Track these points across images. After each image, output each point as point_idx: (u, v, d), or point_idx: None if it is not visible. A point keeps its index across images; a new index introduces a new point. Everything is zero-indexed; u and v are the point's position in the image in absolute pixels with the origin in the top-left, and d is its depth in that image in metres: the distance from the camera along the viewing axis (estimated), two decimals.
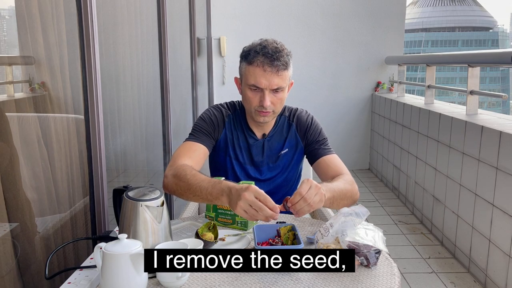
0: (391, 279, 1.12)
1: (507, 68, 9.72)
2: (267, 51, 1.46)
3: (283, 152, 1.66)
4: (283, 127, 1.67)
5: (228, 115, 1.66)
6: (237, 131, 1.65)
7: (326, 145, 1.66)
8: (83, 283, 1.10)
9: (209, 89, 4.87)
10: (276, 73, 1.47)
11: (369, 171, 5.31)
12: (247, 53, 1.51)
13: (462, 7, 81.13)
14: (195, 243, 1.19)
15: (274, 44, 1.49)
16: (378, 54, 5.20)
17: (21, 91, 1.58)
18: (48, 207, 1.51)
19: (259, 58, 1.47)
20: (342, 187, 1.42)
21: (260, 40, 1.52)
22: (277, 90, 1.50)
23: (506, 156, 2.38)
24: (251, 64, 1.49)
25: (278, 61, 1.46)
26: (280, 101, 1.53)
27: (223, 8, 4.98)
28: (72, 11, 1.44)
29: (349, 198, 1.44)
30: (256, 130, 1.65)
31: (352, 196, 1.47)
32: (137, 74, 2.87)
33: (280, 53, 1.47)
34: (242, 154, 1.65)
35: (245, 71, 1.53)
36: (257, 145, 1.65)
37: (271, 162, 1.66)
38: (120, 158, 2.47)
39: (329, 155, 1.62)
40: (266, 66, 1.46)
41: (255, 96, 1.51)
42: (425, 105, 3.77)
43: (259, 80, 1.48)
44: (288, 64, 1.50)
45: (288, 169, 1.68)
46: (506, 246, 2.36)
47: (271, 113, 1.55)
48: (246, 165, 1.66)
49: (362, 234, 1.16)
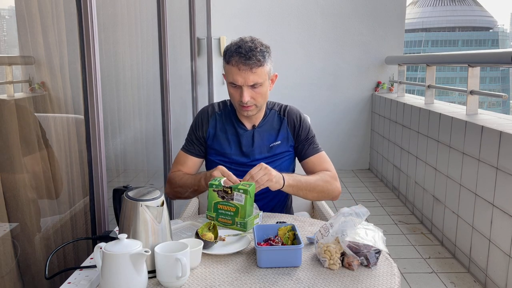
0: (391, 279, 1.12)
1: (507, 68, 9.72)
2: (241, 50, 1.55)
3: (276, 144, 1.71)
4: (273, 119, 1.74)
5: (214, 113, 1.75)
6: (226, 125, 1.73)
7: (314, 143, 1.74)
8: (83, 283, 1.10)
9: (209, 89, 4.86)
10: (250, 70, 1.55)
11: (369, 171, 5.30)
12: (225, 53, 1.60)
13: (462, 7, 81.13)
14: (195, 243, 1.19)
15: (249, 43, 1.57)
16: (378, 54, 5.20)
17: (21, 91, 1.58)
18: (48, 207, 1.51)
19: (234, 57, 1.56)
20: (312, 180, 1.60)
21: (237, 39, 1.61)
22: (255, 85, 1.58)
23: (506, 156, 2.38)
24: (228, 63, 1.58)
25: (250, 60, 1.54)
26: (260, 95, 1.61)
27: (223, 8, 4.98)
28: (72, 11, 1.43)
29: (320, 192, 1.62)
30: (245, 122, 1.73)
31: (326, 191, 1.63)
32: (137, 74, 2.87)
33: (253, 52, 1.54)
34: (231, 146, 1.71)
35: (225, 69, 1.62)
36: (247, 135, 1.71)
37: (263, 152, 1.71)
38: (120, 158, 2.46)
39: (316, 155, 1.71)
40: (240, 65, 1.55)
41: (236, 92, 1.61)
42: (425, 105, 3.77)
43: (236, 78, 1.57)
44: (262, 61, 1.56)
45: (280, 158, 1.72)
46: (506, 246, 2.36)
47: (254, 107, 1.63)
48: (235, 156, 1.70)
49: (362, 234, 1.16)
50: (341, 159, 5.22)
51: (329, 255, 1.16)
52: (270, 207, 1.72)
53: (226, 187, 1.40)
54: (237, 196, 1.38)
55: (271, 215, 1.58)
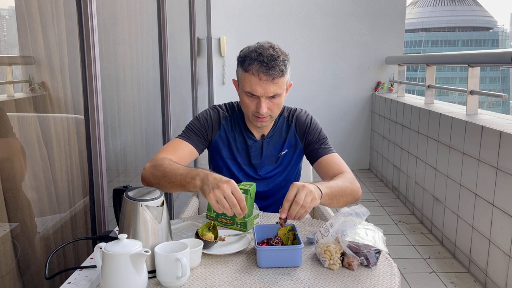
0: (391, 279, 1.12)
1: (507, 68, 9.72)
2: (263, 59, 1.43)
3: (283, 153, 1.65)
4: (282, 128, 1.67)
5: (226, 117, 1.65)
6: (234, 132, 1.64)
7: (326, 144, 1.65)
8: (83, 283, 1.10)
9: (209, 89, 4.87)
10: (272, 81, 1.45)
11: (369, 171, 5.31)
12: (243, 59, 1.48)
13: (462, 7, 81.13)
14: (195, 243, 1.19)
15: (270, 50, 1.46)
16: (378, 54, 5.19)
17: (21, 91, 1.58)
18: (48, 207, 1.51)
19: (254, 66, 1.44)
20: (341, 185, 1.41)
21: (256, 45, 1.49)
22: (274, 96, 1.49)
23: (506, 156, 2.38)
24: (246, 71, 1.46)
25: (273, 69, 1.43)
26: (277, 106, 1.52)
27: (223, 8, 4.98)
28: (72, 11, 1.43)
29: (349, 195, 1.44)
30: (254, 131, 1.65)
31: (353, 193, 1.46)
32: (137, 74, 2.87)
33: (276, 61, 1.44)
34: (240, 155, 1.64)
35: (241, 77, 1.51)
36: (256, 146, 1.64)
37: (271, 163, 1.65)
38: (120, 158, 2.46)
39: (329, 155, 1.61)
40: (261, 75, 1.44)
41: (252, 102, 1.50)
42: (425, 105, 3.77)
43: (255, 88, 1.46)
44: (285, 71, 1.47)
45: (287, 169, 1.68)
46: (506, 246, 2.36)
47: (269, 118, 1.54)
48: (245, 166, 1.65)
49: (362, 234, 1.16)
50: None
51: (329, 255, 1.16)
52: (273, 208, 1.70)
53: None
54: None
55: (271, 215, 1.57)
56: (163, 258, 1.07)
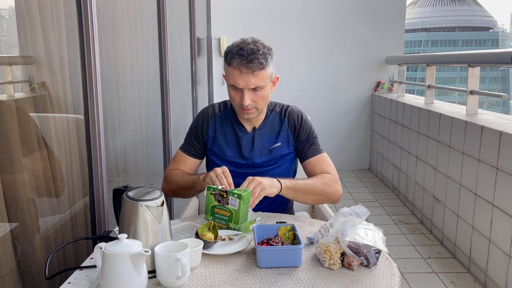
0: (391, 279, 1.12)
1: (507, 68, 9.72)
2: (243, 53, 1.51)
3: (276, 146, 1.69)
4: (274, 121, 1.71)
5: (214, 115, 1.72)
6: (226, 127, 1.70)
7: (316, 144, 1.70)
8: (83, 283, 1.10)
9: (209, 89, 4.86)
10: (252, 73, 1.51)
11: (369, 171, 5.31)
12: (226, 54, 1.56)
13: (462, 7, 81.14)
14: (195, 243, 1.19)
15: (251, 45, 1.53)
16: (378, 54, 5.20)
17: (21, 91, 1.58)
18: (48, 207, 1.51)
19: (235, 60, 1.52)
20: (310, 183, 1.57)
21: (240, 40, 1.57)
22: (256, 89, 1.55)
23: (506, 156, 2.38)
24: (229, 65, 1.54)
25: (252, 62, 1.50)
26: (261, 98, 1.58)
27: (223, 8, 4.98)
28: (72, 11, 1.43)
29: (319, 195, 1.58)
30: (246, 124, 1.70)
31: (325, 194, 1.59)
32: (137, 74, 2.87)
33: (255, 55, 1.51)
34: (231, 149, 1.69)
35: (226, 71, 1.58)
36: (247, 137, 1.69)
37: (263, 155, 1.69)
38: (120, 158, 2.47)
39: (317, 156, 1.68)
40: (242, 68, 1.51)
41: (237, 95, 1.57)
42: (425, 105, 3.77)
43: (237, 81, 1.53)
44: (264, 64, 1.53)
45: (280, 161, 1.70)
46: (506, 246, 2.36)
47: (254, 110, 1.60)
48: (236, 158, 1.69)
49: (362, 234, 1.16)
50: (341, 159, 5.22)
51: (329, 255, 1.16)
52: (272, 209, 1.71)
53: (222, 190, 1.39)
54: (231, 201, 1.37)
55: (271, 215, 1.58)
56: (163, 258, 1.07)
